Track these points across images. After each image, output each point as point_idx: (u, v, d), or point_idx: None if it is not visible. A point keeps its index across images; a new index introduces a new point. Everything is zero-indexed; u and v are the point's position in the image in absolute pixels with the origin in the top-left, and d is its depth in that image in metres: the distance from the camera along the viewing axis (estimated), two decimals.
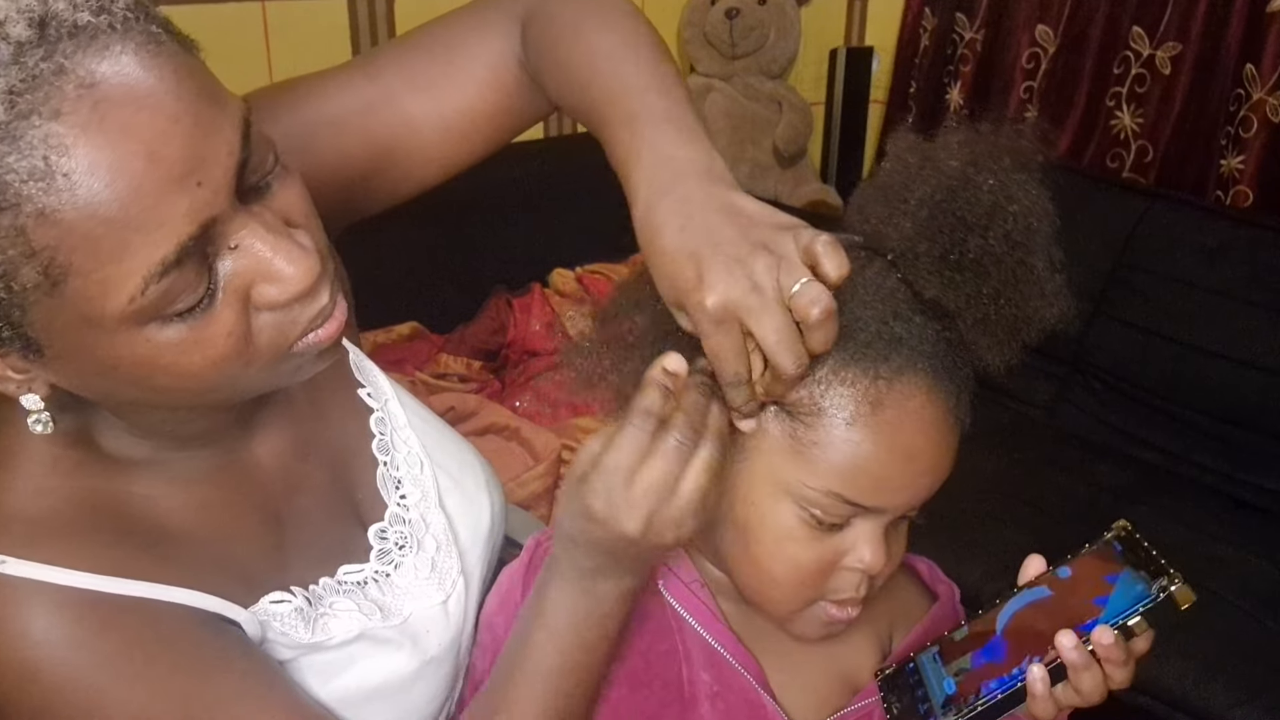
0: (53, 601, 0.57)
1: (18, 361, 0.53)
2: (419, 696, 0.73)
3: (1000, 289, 0.65)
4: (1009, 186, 0.64)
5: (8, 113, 0.45)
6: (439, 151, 0.77)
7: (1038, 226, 0.65)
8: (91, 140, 0.46)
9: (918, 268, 0.66)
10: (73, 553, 0.58)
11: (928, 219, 0.65)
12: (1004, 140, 0.66)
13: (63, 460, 0.61)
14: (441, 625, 0.75)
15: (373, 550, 0.74)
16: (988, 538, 1.82)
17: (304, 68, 0.77)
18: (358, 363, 0.80)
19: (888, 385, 0.63)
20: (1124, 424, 2.21)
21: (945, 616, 0.81)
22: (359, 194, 0.77)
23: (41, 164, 0.45)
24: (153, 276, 0.49)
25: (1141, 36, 2.38)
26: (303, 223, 0.57)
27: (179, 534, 0.64)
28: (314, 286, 0.56)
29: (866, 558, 0.67)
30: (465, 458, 0.84)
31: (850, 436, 0.63)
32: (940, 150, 0.66)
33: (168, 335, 0.52)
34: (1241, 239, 2.11)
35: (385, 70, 0.75)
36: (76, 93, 0.46)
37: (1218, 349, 2.08)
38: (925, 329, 0.65)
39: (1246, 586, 1.75)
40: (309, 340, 0.58)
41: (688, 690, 0.73)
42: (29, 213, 0.46)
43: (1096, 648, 0.62)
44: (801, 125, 2.85)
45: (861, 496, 0.65)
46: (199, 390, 0.56)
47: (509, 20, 0.75)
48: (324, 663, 0.68)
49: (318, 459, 0.75)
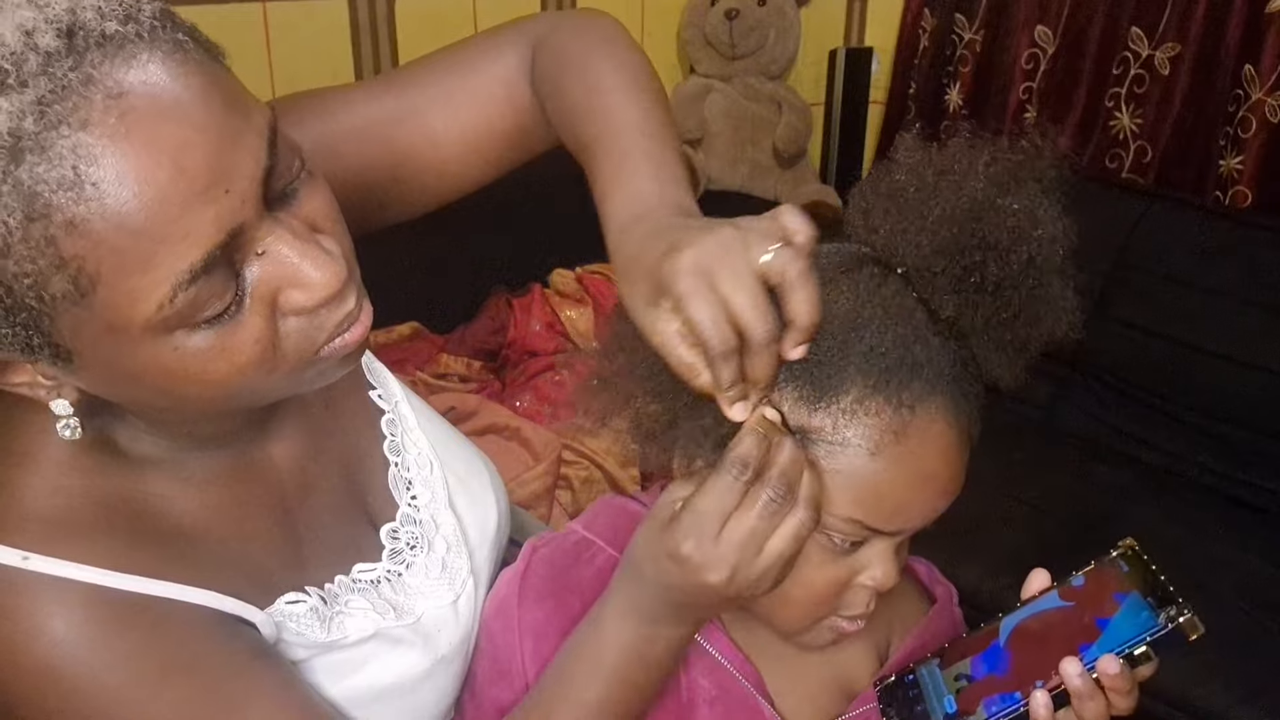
0: (72, 599, 0.57)
1: (47, 368, 0.53)
2: (429, 695, 0.74)
3: (1018, 311, 0.65)
4: (1035, 210, 0.64)
5: (37, 123, 0.45)
6: (457, 166, 0.79)
7: (1059, 249, 0.65)
8: (119, 150, 0.46)
9: (935, 286, 0.65)
10: (91, 550, 0.58)
11: (948, 238, 0.64)
12: (1025, 160, 0.65)
13: (80, 460, 0.61)
14: (452, 625, 0.75)
15: (385, 550, 0.74)
16: (987, 538, 1.82)
17: (304, 68, 0.77)
18: (369, 364, 0.81)
19: (910, 413, 0.62)
20: (1123, 424, 2.21)
21: (943, 618, 0.81)
22: (377, 205, 0.78)
23: (71, 174, 0.46)
24: (181, 285, 0.49)
25: (1141, 37, 2.38)
26: (329, 228, 0.57)
27: (195, 534, 0.64)
28: (340, 291, 0.56)
29: (879, 576, 0.67)
30: (472, 459, 0.85)
31: (874, 466, 0.62)
32: (959, 165, 0.65)
33: (195, 342, 0.52)
34: (1240, 239, 2.12)
35: (409, 86, 0.77)
36: (104, 103, 0.46)
37: (1217, 349, 2.08)
38: (943, 351, 0.64)
39: (1246, 586, 1.76)
40: (335, 345, 0.58)
41: (685, 695, 0.73)
42: (59, 223, 0.46)
43: (1102, 677, 0.61)
44: (801, 126, 2.85)
45: (880, 522, 0.65)
46: (224, 397, 0.56)
47: (523, 45, 0.78)
48: (338, 662, 0.68)
49: (331, 459, 0.75)
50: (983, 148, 0.65)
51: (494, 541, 0.82)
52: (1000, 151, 0.65)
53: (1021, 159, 0.65)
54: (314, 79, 0.88)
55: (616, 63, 0.72)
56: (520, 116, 0.78)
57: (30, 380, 0.55)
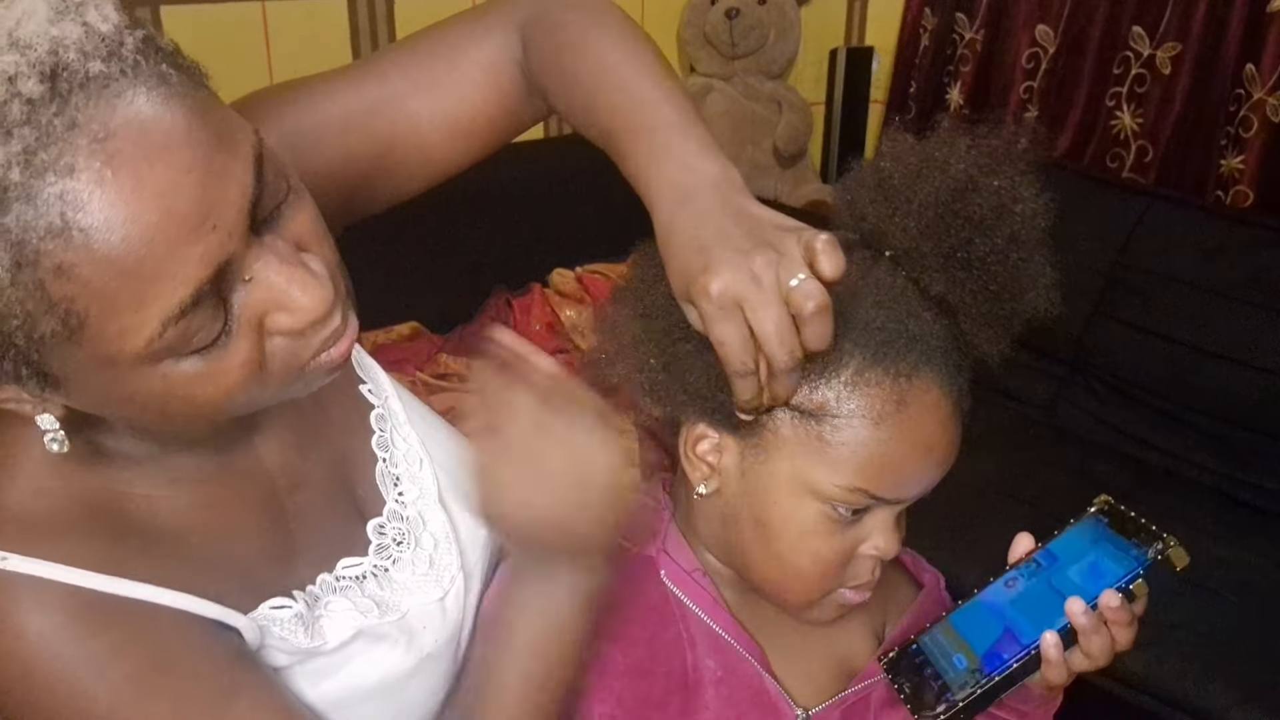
0: (51, 599, 0.57)
1: (35, 390, 0.54)
2: (416, 693, 0.74)
3: (1003, 286, 0.68)
4: (1016, 188, 0.67)
5: (23, 173, 0.45)
6: (440, 151, 0.78)
7: (1039, 225, 0.68)
8: (106, 195, 0.46)
9: (923, 265, 0.68)
10: (72, 551, 0.59)
11: (934, 219, 0.67)
12: (1005, 142, 0.68)
13: (63, 462, 0.61)
14: (439, 622, 0.75)
15: (371, 545, 0.74)
16: (987, 537, 1.81)
17: (304, 68, 0.77)
18: (359, 359, 0.81)
19: (908, 382, 0.66)
20: (1123, 424, 2.21)
21: (932, 603, 0.84)
22: (362, 193, 0.78)
23: (58, 220, 0.46)
24: (170, 320, 0.50)
25: (1141, 36, 2.38)
26: (314, 245, 0.58)
27: (179, 537, 0.64)
28: (327, 312, 0.56)
29: (882, 544, 0.71)
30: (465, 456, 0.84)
31: (878, 435, 0.66)
32: (941, 151, 0.68)
33: (183, 369, 0.53)
34: (1241, 239, 2.12)
35: (390, 72, 0.77)
36: (90, 147, 0.46)
37: (1217, 349, 2.08)
38: (935, 325, 0.68)
39: (1246, 586, 1.76)
40: (321, 360, 0.59)
41: (692, 676, 0.74)
42: (47, 268, 0.46)
43: (1104, 610, 0.66)
44: (801, 125, 2.85)
45: (885, 490, 0.68)
46: (212, 415, 0.57)
47: (509, 25, 0.77)
48: (319, 666, 0.68)
49: (319, 455, 0.75)
50: (965, 132, 0.69)
51: (487, 540, 0.82)
52: (980, 135, 0.68)
53: (1000, 142, 0.68)
54: None
55: (616, 35, 0.72)
56: (506, 100, 0.78)
57: (15, 397, 0.55)
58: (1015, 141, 0.68)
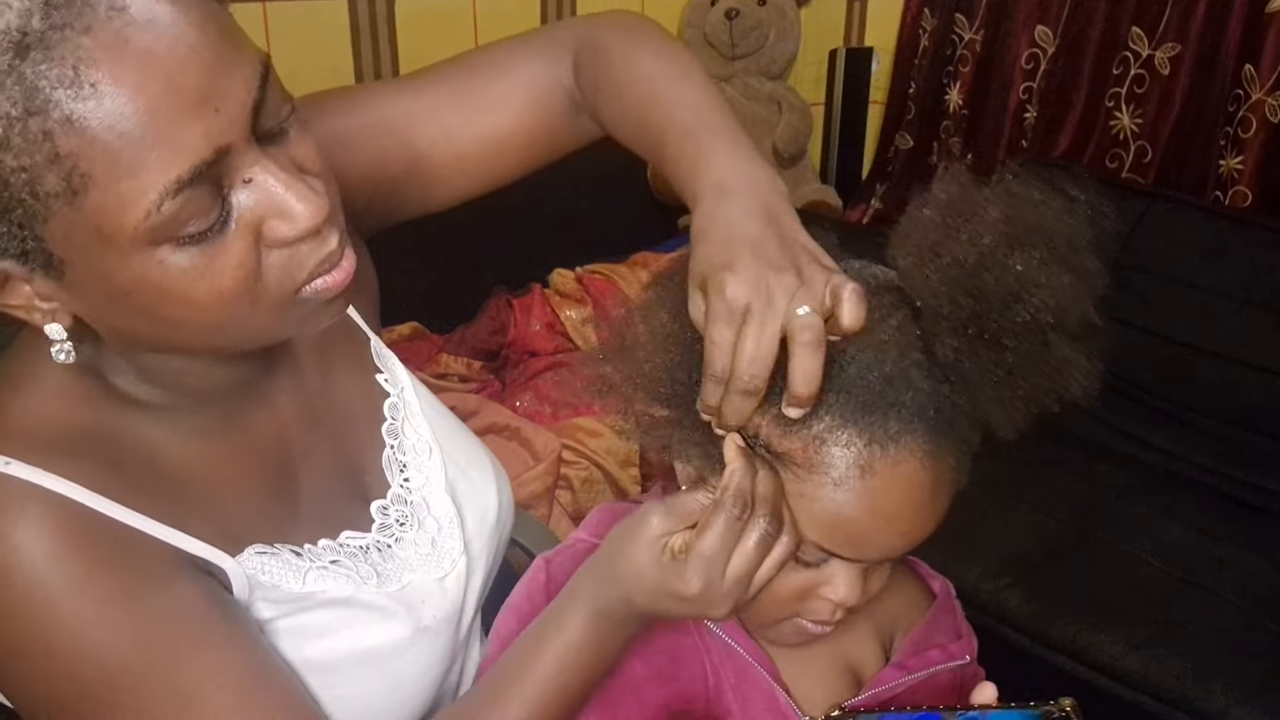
0: (42, 510, 0.59)
1: (42, 286, 0.56)
2: (412, 666, 0.74)
3: (1016, 367, 0.65)
4: (1036, 274, 0.63)
5: (43, 22, 0.48)
6: (473, 165, 0.81)
7: (1073, 313, 0.65)
8: (117, 58, 0.49)
9: (940, 328, 0.65)
10: (73, 468, 0.60)
11: (954, 282, 0.64)
12: (1050, 215, 0.64)
13: (71, 390, 0.63)
14: (438, 599, 0.76)
15: (374, 524, 0.76)
16: (987, 538, 1.82)
17: (304, 68, 0.78)
18: (378, 350, 0.83)
19: (881, 450, 0.63)
20: (1124, 424, 2.20)
21: (944, 614, 0.83)
22: (393, 198, 0.80)
23: (71, 72, 0.48)
24: (167, 193, 0.51)
25: (1141, 37, 2.38)
26: (316, 172, 0.59)
27: (177, 482, 0.66)
28: (323, 227, 0.58)
29: (840, 593, 0.69)
30: (475, 452, 0.86)
31: (835, 496, 0.64)
32: (984, 208, 0.65)
33: (179, 260, 0.54)
34: (1240, 239, 2.12)
35: (431, 85, 0.80)
36: (107, 14, 0.49)
37: (1217, 349, 2.08)
38: (932, 392, 0.64)
39: (1246, 586, 1.76)
40: (316, 285, 0.60)
41: (712, 681, 0.75)
42: (57, 118, 0.49)
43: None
44: (801, 126, 2.85)
45: (839, 548, 0.66)
46: (206, 326, 0.58)
47: (560, 49, 0.80)
48: (304, 624, 0.69)
49: (325, 433, 0.76)
50: (1004, 198, 0.65)
51: (493, 532, 0.83)
52: (1017, 204, 0.65)
53: (1042, 209, 0.65)
54: (314, 79, 0.88)
55: (663, 52, 0.75)
56: (548, 118, 0.80)
57: (26, 303, 0.57)
58: (1062, 215, 0.64)
